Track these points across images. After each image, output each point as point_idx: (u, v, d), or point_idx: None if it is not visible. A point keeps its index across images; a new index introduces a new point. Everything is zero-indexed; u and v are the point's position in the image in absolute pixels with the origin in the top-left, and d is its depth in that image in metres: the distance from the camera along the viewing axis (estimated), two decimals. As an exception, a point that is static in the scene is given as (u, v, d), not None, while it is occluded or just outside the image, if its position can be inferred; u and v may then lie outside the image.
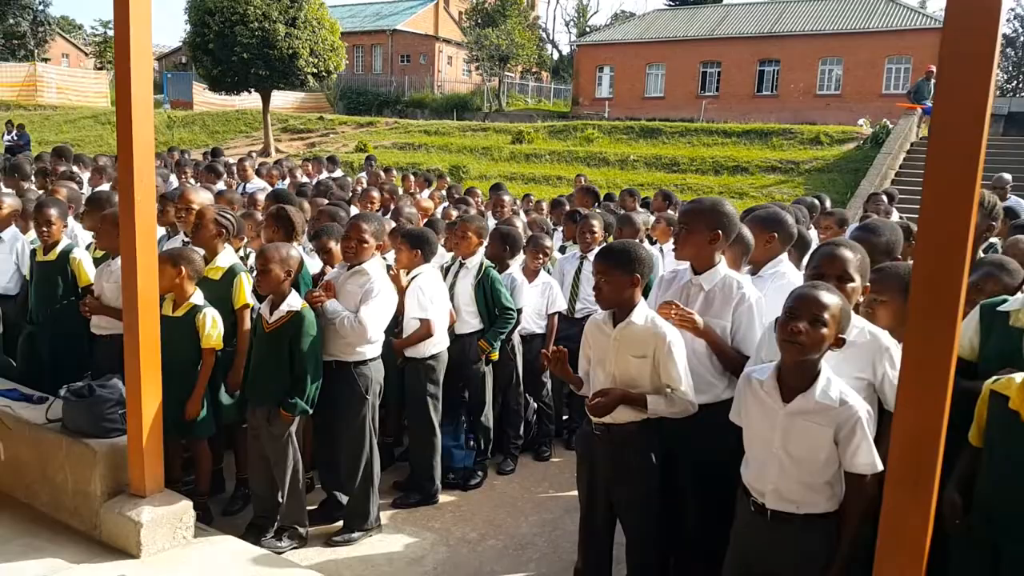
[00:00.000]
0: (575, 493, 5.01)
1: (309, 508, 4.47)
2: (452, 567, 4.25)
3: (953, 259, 2.14)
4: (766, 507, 2.77)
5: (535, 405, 5.84)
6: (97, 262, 5.00)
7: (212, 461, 4.67)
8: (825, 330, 2.62)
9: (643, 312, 3.31)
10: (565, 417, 6.19)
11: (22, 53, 44.56)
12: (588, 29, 51.21)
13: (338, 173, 12.69)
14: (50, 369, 4.94)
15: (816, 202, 7.66)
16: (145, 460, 3.77)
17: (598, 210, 7.38)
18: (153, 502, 3.79)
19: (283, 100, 34.51)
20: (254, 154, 18.27)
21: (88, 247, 5.28)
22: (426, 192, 10.83)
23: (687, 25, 36.80)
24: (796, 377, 2.71)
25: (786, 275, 3.84)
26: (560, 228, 7.29)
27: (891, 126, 20.55)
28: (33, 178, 7.99)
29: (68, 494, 3.97)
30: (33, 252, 5.13)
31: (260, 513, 4.37)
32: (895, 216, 7.28)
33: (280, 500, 4.26)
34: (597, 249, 5.95)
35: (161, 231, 5.48)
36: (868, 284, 3.12)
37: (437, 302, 4.80)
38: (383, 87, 44.61)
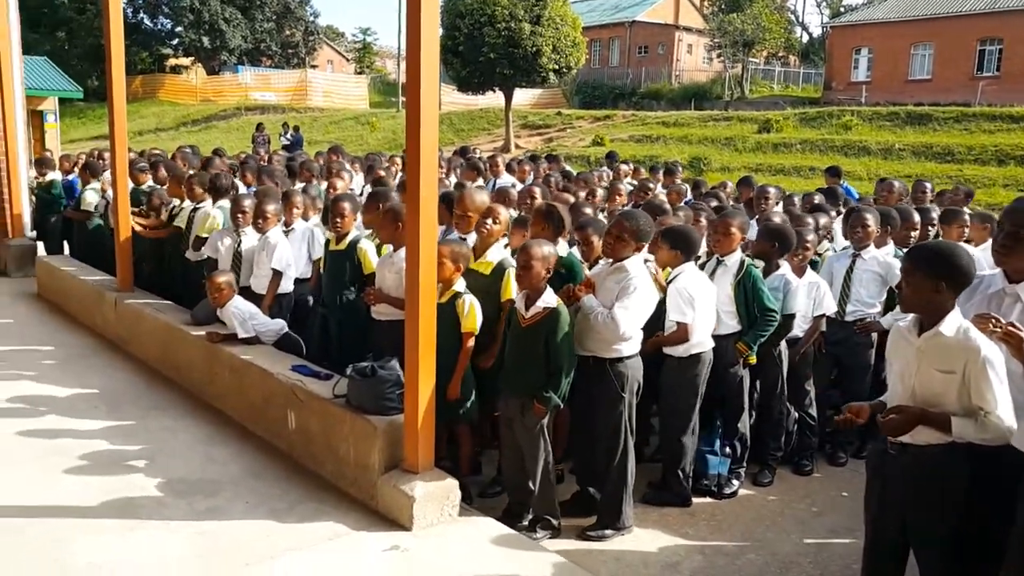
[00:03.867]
0: (841, 514, 4.75)
1: (561, 500, 4.51)
2: (709, 577, 4.13)
3: None
4: None
5: (796, 415, 5.48)
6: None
7: (473, 445, 4.87)
8: None
9: (955, 322, 2.94)
10: (829, 430, 5.79)
11: (295, 61, 49.72)
12: (843, 9, 47.85)
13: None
14: (336, 349, 5.41)
15: None
16: (420, 438, 4.01)
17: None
18: (425, 479, 4.03)
19: (521, 97, 35.63)
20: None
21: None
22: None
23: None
24: None
25: None
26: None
27: None
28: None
29: (350, 465, 4.33)
30: (327, 242, 5.64)
31: (515, 500, 4.49)
32: None
33: (532, 489, 4.35)
34: (871, 247, 5.56)
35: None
36: None
37: (699, 304, 4.65)
38: (619, 79, 44.62)
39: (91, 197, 8.95)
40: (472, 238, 4.96)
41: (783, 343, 5.22)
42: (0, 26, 9.29)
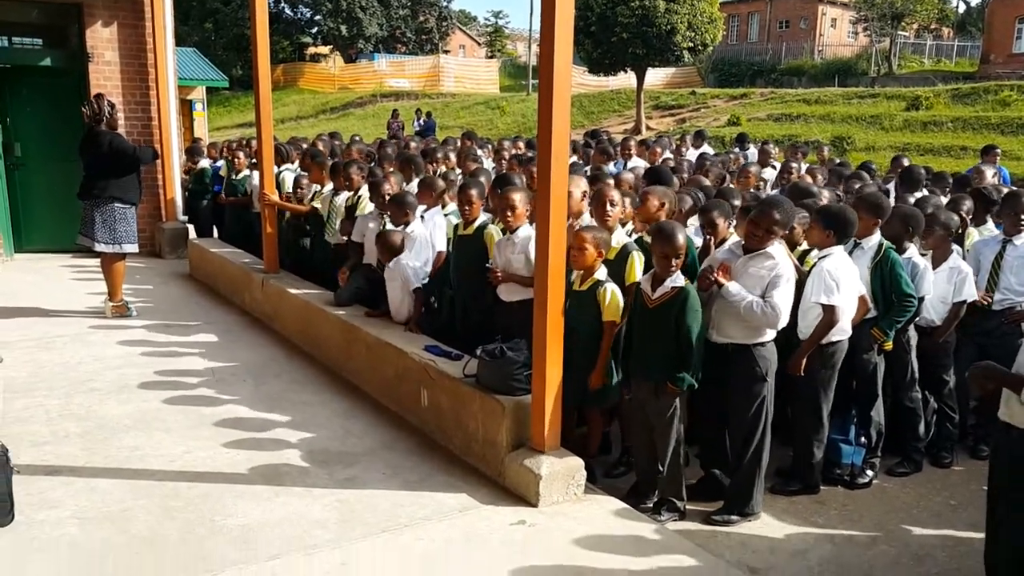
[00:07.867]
0: (982, 508, 4.46)
1: (687, 484, 4.50)
2: (838, 567, 4.02)
3: None
4: None
5: (935, 405, 5.26)
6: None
7: (602, 426, 4.93)
8: None
9: None
10: (971, 422, 5.50)
11: (428, 47, 50.70)
12: (1005, -26, 44.18)
13: (707, 149, 12.49)
14: (464, 329, 5.57)
15: None
16: (546, 418, 4.10)
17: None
18: (551, 457, 4.12)
19: (653, 77, 34.85)
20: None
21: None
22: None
23: None
24: None
25: None
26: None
27: None
28: (452, 157, 9.04)
29: (478, 442, 4.48)
30: (456, 226, 5.78)
31: (643, 481, 4.52)
32: None
33: (660, 471, 4.36)
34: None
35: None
36: None
37: (844, 287, 4.50)
38: (757, 56, 43.01)
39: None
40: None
41: (911, 329, 5.00)
42: (158, 25, 9.98)
